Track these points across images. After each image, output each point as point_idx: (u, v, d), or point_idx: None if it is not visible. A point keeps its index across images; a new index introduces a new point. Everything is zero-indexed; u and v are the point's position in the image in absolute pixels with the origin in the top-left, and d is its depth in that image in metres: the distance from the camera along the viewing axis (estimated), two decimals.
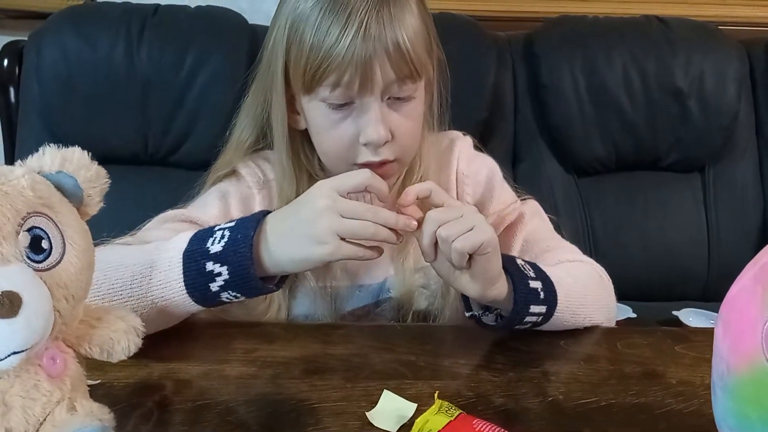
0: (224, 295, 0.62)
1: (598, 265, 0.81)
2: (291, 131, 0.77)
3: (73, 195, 0.46)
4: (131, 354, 0.48)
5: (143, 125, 1.31)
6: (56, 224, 0.43)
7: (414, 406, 0.56)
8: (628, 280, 1.29)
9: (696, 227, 1.42)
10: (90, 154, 0.47)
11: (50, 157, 0.45)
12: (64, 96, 1.29)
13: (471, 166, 0.86)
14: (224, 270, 0.60)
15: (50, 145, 0.46)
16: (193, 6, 1.37)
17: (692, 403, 0.58)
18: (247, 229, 0.61)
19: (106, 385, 0.56)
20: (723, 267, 1.39)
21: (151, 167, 1.35)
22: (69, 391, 0.44)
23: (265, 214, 0.64)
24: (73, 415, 0.43)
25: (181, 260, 0.61)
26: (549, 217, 0.87)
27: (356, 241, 0.61)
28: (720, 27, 1.48)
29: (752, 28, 1.65)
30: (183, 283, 0.61)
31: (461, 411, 0.51)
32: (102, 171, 0.47)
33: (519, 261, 0.68)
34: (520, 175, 1.39)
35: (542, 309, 0.66)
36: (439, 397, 0.53)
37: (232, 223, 0.63)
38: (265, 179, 0.80)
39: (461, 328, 0.75)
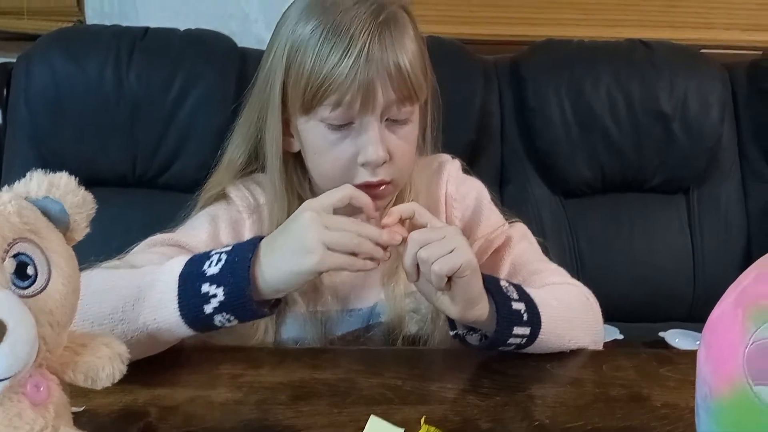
0: (217, 318, 0.62)
1: (585, 287, 0.81)
2: (284, 154, 0.77)
3: (59, 220, 0.46)
4: (116, 381, 0.48)
5: (132, 147, 1.31)
6: (42, 250, 0.43)
7: (401, 431, 0.55)
8: (614, 301, 1.29)
9: (681, 248, 1.43)
10: (77, 179, 0.47)
11: (37, 183, 0.45)
12: (53, 118, 1.30)
13: (460, 189, 0.87)
14: (220, 291, 0.60)
15: (37, 170, 0.46)
16: (182, 29, 1.39)
17: (677, 426, 0.58)
18: (244, 252, 0.62)
19: (90, 411, 0.56)
20: (708, 287, 1.40)
21: (139, 189, 1.35)
22: (53, 419, 0.44)
23: (260, 239, 0.64)
24: None
25: (177, 282, 0.61)
26: (537, 240, 0.88)
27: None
28: (702, 50, 1.51)
29: (734, 52, 1.69)
30: (177, 305, 0.61)
31: None
32: (89, 196, 0.47)
33: (503, 282, 0.69)
34: (508, 196, 1.41)
35: (526, 331, 0.67)
36: (425, 422, 0.53)
37: (229, 248, 0.64)
38: (256, 204, 0.81)
39: (448, 352, 0.75)
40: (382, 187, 0.73)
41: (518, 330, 0.66)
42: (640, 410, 0.61)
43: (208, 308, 0.61)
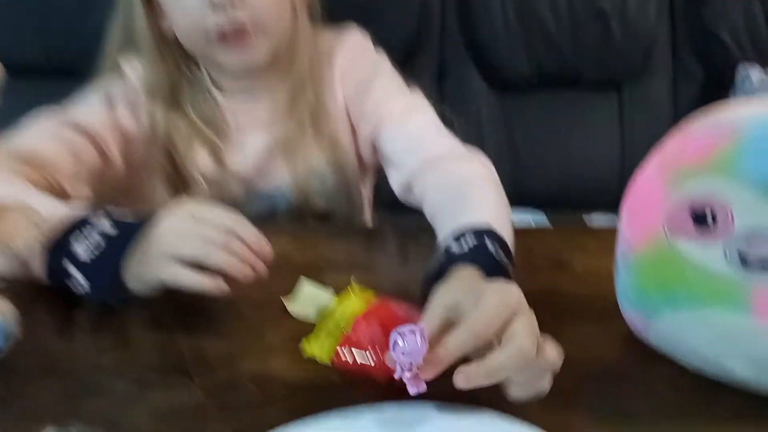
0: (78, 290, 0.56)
1: (488, 162, 0.72)
2: (161, 39, 0.76)
3: None
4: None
5: (45, 33, 1.26)
6: None
7: (330, 290, 0.56)
8: (546, 192, 1.36)
9: (612, 142, 1.48)
10: None
11: None
12: None
13: (352, 60, 0.83)
14: (86, 284, 0.55)
15: None
16: None
17: (596, 288, 0.60)
18: (116, 253, 0.54)
19: None
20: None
21: (56, 77, 1.27)
22: None
23: (139, 227, 0.56)
24: None
25: (47, 251, 0.56)
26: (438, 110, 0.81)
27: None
28: None
29: None
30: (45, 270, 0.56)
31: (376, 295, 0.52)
32: None
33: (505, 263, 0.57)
34: (446, 90, 1.41)
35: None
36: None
37: (113, 232, 0.56)
38: None
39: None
40: (242, 37, 0.71)
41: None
42: (562, 275, 0.64)
43: (70, 283, 0.56)
